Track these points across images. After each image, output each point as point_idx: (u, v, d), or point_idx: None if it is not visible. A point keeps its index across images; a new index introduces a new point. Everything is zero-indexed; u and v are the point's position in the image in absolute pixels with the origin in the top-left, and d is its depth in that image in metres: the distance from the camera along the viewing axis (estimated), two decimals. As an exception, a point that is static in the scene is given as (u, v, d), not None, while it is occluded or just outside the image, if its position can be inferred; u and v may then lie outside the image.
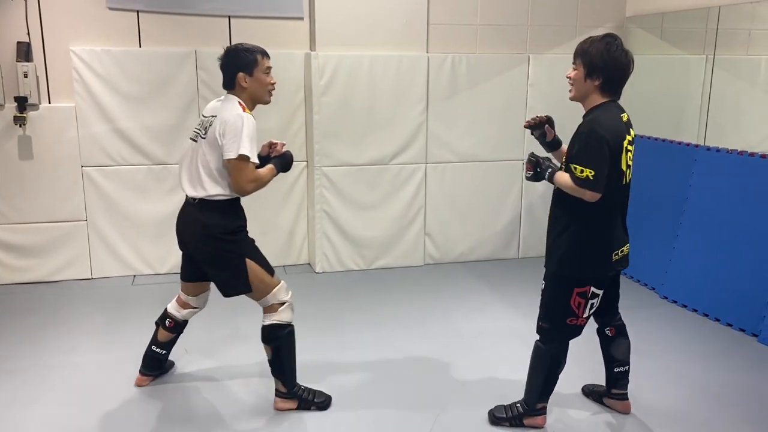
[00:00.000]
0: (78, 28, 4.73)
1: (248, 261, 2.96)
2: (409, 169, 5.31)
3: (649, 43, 5.49)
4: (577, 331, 2.88)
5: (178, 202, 4.98)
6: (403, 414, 3.13)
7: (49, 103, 4.78)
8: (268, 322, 3.02)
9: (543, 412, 3.01)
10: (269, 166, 3.02)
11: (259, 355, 3.25)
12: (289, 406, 3.13)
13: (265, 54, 3.01)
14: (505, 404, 3.09)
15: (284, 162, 3.11)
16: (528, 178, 2.92)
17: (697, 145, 4.73)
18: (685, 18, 5.33)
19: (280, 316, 3.02)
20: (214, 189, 2.91)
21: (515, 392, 3.34)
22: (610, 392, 3.17)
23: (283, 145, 3.19)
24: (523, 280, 5.13)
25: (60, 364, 3.60)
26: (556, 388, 3.01)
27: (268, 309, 3.03)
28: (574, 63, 2.78)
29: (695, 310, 4.44)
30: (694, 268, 4.53)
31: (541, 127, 3.07)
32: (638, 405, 3.19)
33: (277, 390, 3.14)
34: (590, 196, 2.64)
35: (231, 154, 2.80)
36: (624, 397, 3.15)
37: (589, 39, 2.74)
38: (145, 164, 4.96)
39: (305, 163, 5.27)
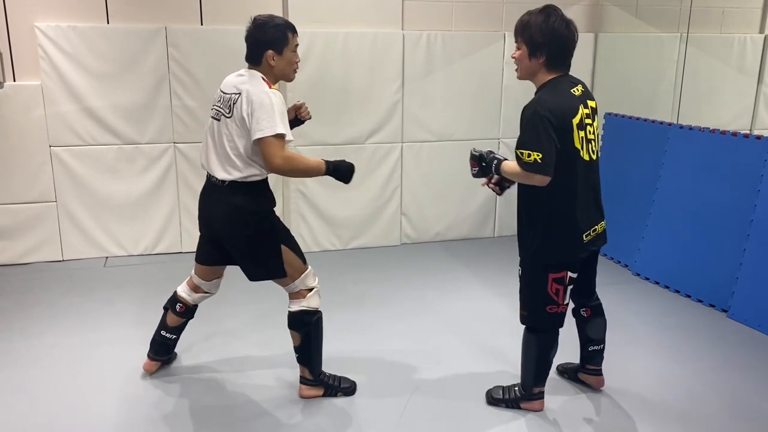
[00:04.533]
0: (43, 3, 4.59)
1: (283, 247, 2.86)
2: (385, 148, 5.28)
3: (623, 20, 5.49)
4: (559, 319, 2.82)
5: (150, 182, 4.99)
6: (376, 394, 3.14)
7: (14, 81, 4.65)
8: (296, 308, 2.92)
9: (540, 396, 2.98)
10: (320, 161, 2.85)
11: (280, 342, 3.21)
12: (315, 393, 3.06)
13: (294, 31, 2.86)
14: (504, 386, 3.08)
15: (339, 169, 2.90)
16: (474, 176, 2.83)
17: (670, 124, 4.76)
18: (660, -4, 5.34)
19: (309, 303, 2.93)
20: (246, 170, 2.77)
21: (489, 372, 3.37)
22: (584, 367, 3.19)
23: (306, 108, 3.11)
24: (499, 258, 5.16)
25: (30, 348, 3.54)
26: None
27: (296, 295, 2.93)
28: (516, 42, 2.67)
29: (667, 287, 4.50)
30: (665, 246, 4.59)
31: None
32: (611, 384, 3.24)
33: (302, 377, 3.05)
34: (539, 180, 2.54)
35: (264, 133, 2.65)
36: (598, 372, 3.17)
37: (527, 13, 2.63)
38: (116, 144, 4.86)
39: (280, 142, 5.21)
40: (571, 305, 3.06)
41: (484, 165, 2.77)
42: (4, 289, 4.38)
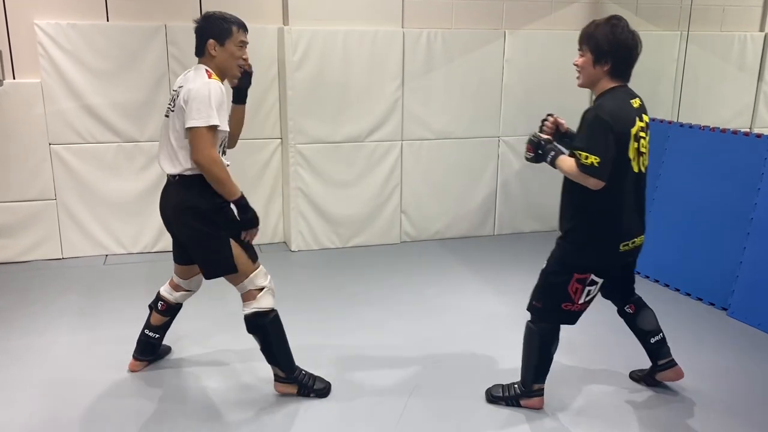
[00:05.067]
0: (42, 0, 4.58)
1: (233, 242, 2.82)
2: (385, 146, 5.27)
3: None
4: (571, 317, 2.83)
5: (149, 180, 4.98)
6: (376, 392, 3.14)
7: (14, 79, 4.65)
8: (248, 310, 2.89)
9: (540, 393, 2.96)
10: (237, 187, 2.80)
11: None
12: (289, 390, 3.04)
13: (242, 27, 2.87)
14: (503, 383, 3.06)
15: (248, 213, 2.83)
16: (528, 159, 2.85)
17: (670, 122, 4.76)
18: (660, -6, 5.34)
19: (260, 303, 2.88)
20: (188, 162, 2.76)
21: (488, 370, 3.37)
22: (657, 365, 3.11)
23: (246, 60, 2.95)
24: (499, 257, 5.16)
25: (30, 346, 3.54)
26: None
27: (247, 296, 2.89)
28: (580, 49, 2.71)
29: (666, 285, 4.50)
30: (665, 244, 4.58)
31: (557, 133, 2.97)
32: (610, 383, 3.24)
33: (275, 375, 3.04)
34: (594, 183, 2.57)
35: (194, 122, 2.64)
36: (672, 363, 3.08)
37: (593, 23, 2.68)
38: (116, 142, 4.86)
39: (279, 140, 5.21)
40: (614, 307, 3.09)
41: (540, 153, 2.79)
42: (3, 287, 4.38)
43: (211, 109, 2.66)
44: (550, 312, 2.84)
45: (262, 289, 2.90)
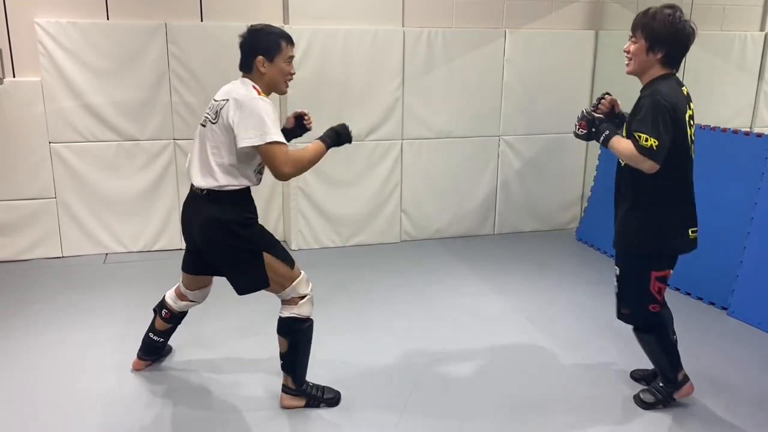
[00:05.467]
0: (42, -1, 4.59)
1: (265, 254, 2.76)
2: (385, 145, 5.27)
3: (624, 18, 5.47)
4: (658, 319, 2.86)
5: (150, 179, 4.99)
6: (376, 391, 3.14)
7: (14, 77, 4.65)
8: (286, 314, 2.84)
9: (686, 380, 2.95)
10: (316, 142, 2.78)
11: (268, 350, 3.18)
12: (297, 404, 2.96)
13: (290, 41, 2.77)
14: (648, 388, 3.03)
15: (339, 134, 2.87)
16: (578, 136, 2.82)
17: (670, 121, 4.75)
18: (661, -7, 5.32)
19: (300, 310, 2.84)
20: (224, 179, 2.68)
21: (489, 369, 3.37)
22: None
23: (309, 118, 3.08)
24: (499, 256, 5.17)
25: (30, 345, 3.54)
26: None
27: (288, 302, 2.85)
28: (633, 36, 2.68)
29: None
30: (666, 243, 4.58)
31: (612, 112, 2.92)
32: (608, 382, 3.24)
33: (284, 386, 2.96)
34: (650, 166, 2.57)
35: (258, 140, 2.56)
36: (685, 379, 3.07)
37: (649, 11, 2.65)
38: (116, 140, 4.86)
39: (280, 139, 5.20)
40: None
41: (593, 131, 2.77)
42: (3, 286, 4.38)
43: (267, 124, 2.58)
44: (640, 317, 2.86)
45: (304, 297, 2.87)
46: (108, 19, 4.73)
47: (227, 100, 2.67)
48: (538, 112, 5.59)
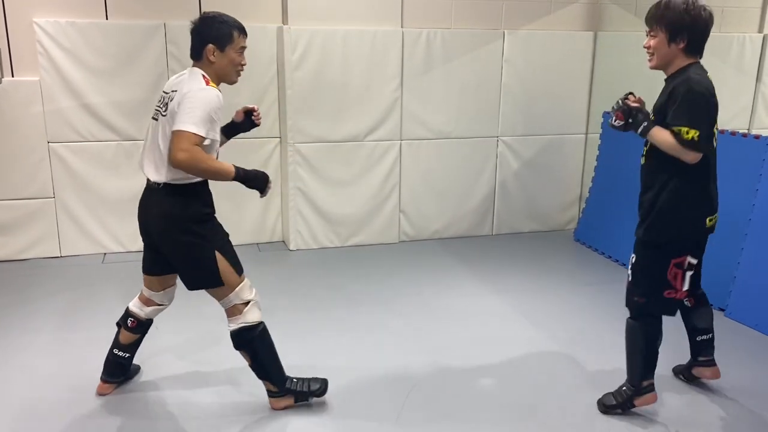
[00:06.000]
0: (41, -2, 4.59)
1: (218, 253, 2.69)
2: (384, 145, 5.28)
3: (623, 19, 5.49)
4: (673, 306, 2.81)
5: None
6: (374, 391, 3.14)
7: (13, 77, 4.64)
8: (234, 326, 2.75)
9: (651, 389, 2.89)
10: (228, 165, 2.63)
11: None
12: (286, 404, 2.92)
13: (242, 31, 2.74)
14: (612, 391, 2.98)
15: (254, 176, 2.72)
16: (614, 127, 2.74)
17: (669, 123, 4.76)
18: (660, -5, 5.33)
19: (246, 318, 2.74)
20: (178, 172, 2.59)
21: (486, 369, 3.38)
22: (697, 360, 3.13)
23: (258, 113, 3.02)
24: (497, 256, 5.17)
25: (28, 344, 3.54)
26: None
27: (232, 311, 2.75)
28: (651, 31, 2.64)
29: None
30: (664, 244, 4.59)
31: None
32: (606, 382, 3.25)
33: (268, 391, 2.92)
34: (693, 157, 2.54)
35: (179, 126, 2.49)
36: (711, 362, 3.10)
37: (661, 3, 2.61)
38: (115, 140, 4.86)
39: (278, 139, 5.21)
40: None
41: (630, 122, 2.69)
42: (1, 285, 4.38)
43: (198, 117, 2.50)
44: (654, 304, 2.79)
45: (248, 303, 2.77)
46: (107, 18, 4.73)
47: (176, 91, 2.62)
48: (537, 113, 5.60)
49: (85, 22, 4.64)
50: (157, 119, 2.71)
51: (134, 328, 3.01)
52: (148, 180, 2.75)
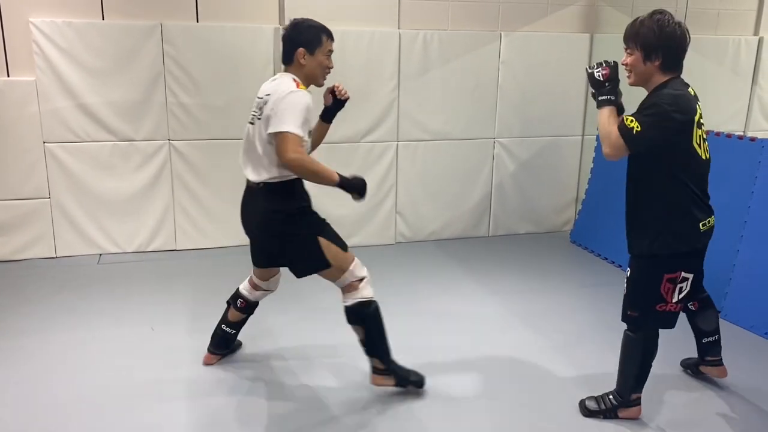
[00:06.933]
0: (38, -2, 4.58)
1: (320, 239, 2.86)
2: (381, 147, 5.28)
3: (619, 21, 5.49)
4: (668, 319, 2.78)
5: (144, 179, 4.97)
6: (370, 392, 3.14)
7: (8, 76, 4.63)
8: (351, 301, 2.92)
9: (638, 402, 2.91)
10: (332, 171, 2.78)
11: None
12: (388, 383, 3.04)
13: (330, 35, 2.90)
14: (596, 395, 2.99)
15: (354, 182, 2.86)
16: (592, 80, 2.71)
17: (665, 125, 4.77)
18: (656, -3, 5.34)
19: (363, 293, 2.92)
20: (276, 171, 2.78)
21: (483, 370, 3.38)
22: (704, 359, 3.20)
23: (342, 88, 3.13)
24: (494, 257, 5.18)
25: (23, 345, 3.53)
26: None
27: (348, 288, 2.92)
28: (627, 48, 2.67)
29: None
30: (660, 246, 4.60)
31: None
32: (603, 383, 3.25)
33: (373, 367, 3.03)
34: (614, 147, 2.56)
35: (280, 128, 2.66)
36: (718, 362, 3.17)
37: (637, 21, 2.65)
38: (111, 141, 4.84)
39: (275, 140, 5.20)
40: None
41: (606, 86, 2.70)
42: (-4, 285, 4.37)
43: (297, 119, 2.67)
44: (646, 318, 2.79)
45: (362, 279, 2.94)
46: (103, 19, 4.72)
47: (269, 95, 2.77)
48: (533, 114, 5.61)
49: (81, 22, 4.63)
50: (253, 123, 2.87)
51: (243, 308, 3.25)
52: (248, 181, 2.93)
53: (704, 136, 2.73)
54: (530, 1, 5.46)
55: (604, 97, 2.70)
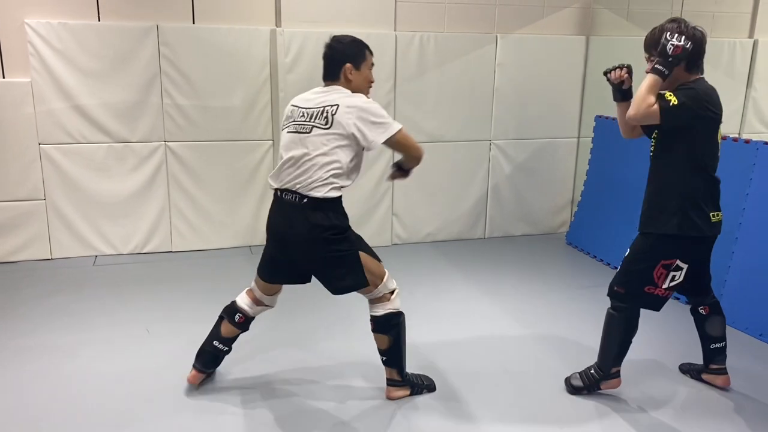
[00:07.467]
0: (33, -1, 4.57)
1: (361, 254, 2.84)
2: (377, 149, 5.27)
3: (615, 24, 5.53)
4: (653, 302, 2.93)
5: (140, 181, 4.97)
6: (367, 394, 3.14)
7: (3, 78, 4.62)
8: (382, 312, 2.92)
9: (617, 375, 3.10)
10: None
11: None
12: (403, 394, 3.07)
13: (371, 51, 2.94)
14: (579, 371, 3.17)
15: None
16: (610, 76, 2.99)
17: (660, 127, 4.79)
18: (651, -1, 5.37)
19: (394, 305, 2.94)
20: (333, 181, 2.71)
21: (479, 371, 3.38)
22: (708, 368, 3.24)
23: None
24: (490, 259, 5.18)
25: (18, 347, 3.52)
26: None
27: (379, 299, 2.92)
28: (651, 57, 2.80)
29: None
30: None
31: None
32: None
33: (390, 380, 3.05)
34: (640, 112, 2.66)
35: (390, 131, 2.73)
36: (723, 371, 3.22)
37: (656, 30, 2.80)
38: (106, 142, 4.83)
39: (271, 142, 5.20)
40: (688, 304, 3.22)
41: (623, 88, 2.95)
42: (-9, 287, 4.36)
43: (389, 118, 2.77)
44: (632, 297, 2.94)
45: (393, 291, 2.95)
46: (99, 20, 4.71)
47: (336, 105, 2.72)
48: (529, 116, 5.62)
49: (76, 23, 4.62)
50: (308, 132, 2.75)
51: (241, 323, 3.09)
52: (283, 195, 2.81)
53: (721, 135, 2.87)
54: (526, 3, 5.48)
55: (660, 67, 2.72)
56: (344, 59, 2.83)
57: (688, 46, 2.70)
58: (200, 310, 3.94)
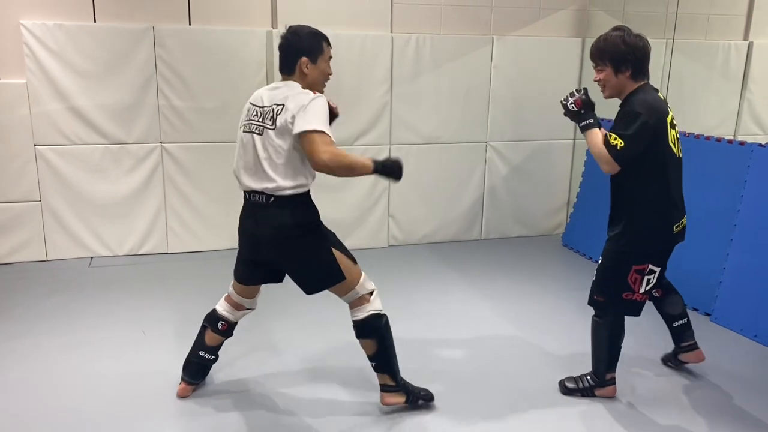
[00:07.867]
0: (29, 0, 4.55)
1: (334, 250, 2.77)
2: (373, 150, 5.28)
3: (611, 26, 5.51)
4: (633, 307, 2.98)
5: (136, 182, 4.96)
6: (364, 396, 3.14)
7: (-1, 79, 4.62)
8: (362, 315, 2.83)
9: (612, 382, 3.12)
10: (366, 159, 2.69)
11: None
12: (398, 400, 2.95)
13: (329, 42, 2.82)
14: (574, 375, 3.20)
15: (387, 167, 2.70)
16: (567, 110, 2.95)
17: (655, 129, 4.80)
18: (647, 1, 5.39)
19: (374, 305, 2.84)
20: (295, 180, 2.65)
21: (476, 372, 3.38)
22: (680, 346, 3.33)
23: (335, 105, 2.97)
24: (486, 261, 5.19)
25: (13, 349, 3.51)
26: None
27: (358, 301, 2.83)
28: (597, 66, 2.88)
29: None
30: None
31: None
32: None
33: (383, 385, 2.95)
34: (608, 164, 2.74)
35: (308, 127, 2.55)
36: (694, 346, 3.31)
37: (600, 39, 2.87)
38: (102, 143, 4.83)
39: (267, 143, 5.20)
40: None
41: (582, 113, 2.90)
42: (-14, 289, 4.34)
43: (321, 117, 2.59)
44: (612, 304, 2.99)
45: (372, 292, 2.87)
46: (95, 21, 4.71)
47: (283, 105, 2.64)
48: (525, 118, 5.63)
49: (72, 24, 4.62)
50: (260, 133, 2.69)
51: (225, 330, 3.05)
52: (251, 195, 2.75)
53: (678, 137, 2.90)
54: (522, 5, 5.49)
55: (584, 123, 2.90)
56: (300, 53, 2.73)
57: (583, 96, 2.89)
58: (196, 311, 3.92)
